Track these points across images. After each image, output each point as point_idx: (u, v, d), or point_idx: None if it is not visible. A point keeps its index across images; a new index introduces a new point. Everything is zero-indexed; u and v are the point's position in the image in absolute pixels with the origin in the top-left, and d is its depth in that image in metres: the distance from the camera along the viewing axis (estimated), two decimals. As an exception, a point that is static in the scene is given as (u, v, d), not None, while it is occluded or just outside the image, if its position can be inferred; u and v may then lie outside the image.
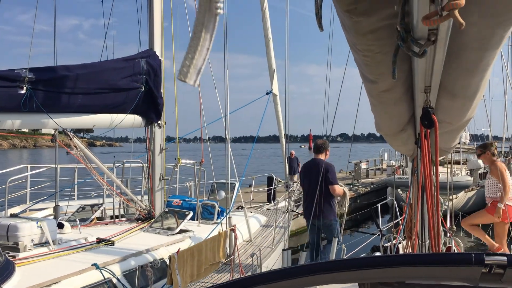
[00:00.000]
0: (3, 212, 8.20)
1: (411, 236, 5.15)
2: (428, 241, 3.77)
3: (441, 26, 1.37)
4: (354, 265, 1.26)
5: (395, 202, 9.58)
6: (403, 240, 6.45)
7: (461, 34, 1.48)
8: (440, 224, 2.49)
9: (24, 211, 8.58)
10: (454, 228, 6.09)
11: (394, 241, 6.43)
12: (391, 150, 30.67)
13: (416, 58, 1.56)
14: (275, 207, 11.24)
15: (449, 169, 6.35)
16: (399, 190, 16.95)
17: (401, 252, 6.37)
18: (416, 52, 1.43)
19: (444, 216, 7.04)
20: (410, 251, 5.05)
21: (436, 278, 1.25)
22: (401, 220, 8.22)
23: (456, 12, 1.14)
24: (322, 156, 7.37)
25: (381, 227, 8.69)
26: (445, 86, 1.93)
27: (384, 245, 6.84)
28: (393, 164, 25.02)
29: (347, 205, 7.76)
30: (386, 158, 32.12)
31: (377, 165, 31.38)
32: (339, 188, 7.31)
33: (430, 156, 2.22)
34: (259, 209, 11.63)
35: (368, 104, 2.56)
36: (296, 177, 19.69)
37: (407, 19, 1.38)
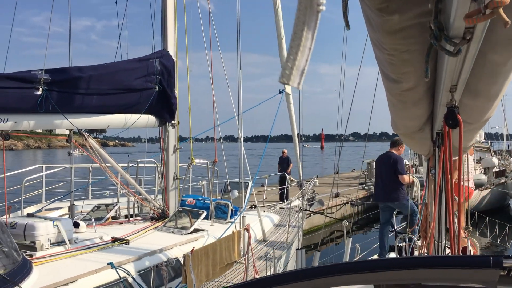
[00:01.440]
0: (20, 211, 8.30)
1: (427, 236, 5.11)
2: (444, 241, 3.73)
3: (478, 25, 1.34)
4: (371, 267, 1.26)
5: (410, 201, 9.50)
6: (418, 240, 6.41)
7: (491, 33, 1.46)
8: (461, 225, 2.47)
9: (39, 210, 8.68)
10: (470, 228, 6.03)
11: (409, 241, 6.38)
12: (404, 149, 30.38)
13: (447, 56, 1.54)
14: (288, 206, 11.23)
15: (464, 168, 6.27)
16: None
17: (416, 252, 6.32)
18: (450, 51, 1.41)
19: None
20: (426, 251, 5.01)
21: (453, 281, 1.24)
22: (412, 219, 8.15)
23: (501, 10, 1.12)
24: (394, 150, 8.60)
25: (395, 227, 8.64)
26: (468, 85, 1.91)
27: (399, 245, 6.79)
28: (406, 163, 24.81)
29: (416, 193, 8.47)
30: (399, 157, 31.82)
31: (390, 164, 31.07)
32: (407, 177, 8.36)
33: (452, 156, 2.20)
34: (272, 208, 11.63)
35: (380, 103, 2.55)
36: (289, 179, 19.10)
37: (441, 17, 1.36)
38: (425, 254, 4.85)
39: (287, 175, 16.26)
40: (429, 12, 1.38)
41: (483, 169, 21.05)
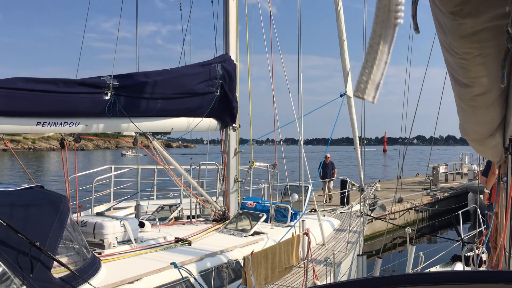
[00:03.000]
0: (90, 210, 8.72)
1: (497, 247, 4.85)
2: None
3: None
4: (440, 279, 1.21)
5: (478, 210, 9.04)
6: (486, 250, 6.09)
7: None
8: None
9: (108, 209, 9.07)
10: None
11: (477, 251, 6.08)
12: (472, 154, 29.04)
13: None
14: (349, 210, 11.04)
15: None
16: (482, 196, 16.01)
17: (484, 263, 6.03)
18: None
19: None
20: (495, 263, 4.76)
21: None
22: (484, 229, 7.77)
23: None
24: None
25: (462, 236, 8.26)
26: None
27: (466, 254, 6.49)
28: (475, 169, 23.64)
29: None
30: (466, 162, 30.43)
31: (456, 169, 29.77)
32: None
33: None
34: (333, 212, 11.48)
35: (447, 105, 2.46)
36: (332, 185, 18.09)
37: None
38: (495, 266, 4.60)
39: (347, 179, 15.99)
40: (505, 15, 1.31)
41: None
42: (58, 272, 4.05)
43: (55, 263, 3.99)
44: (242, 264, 5.48)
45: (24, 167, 7.39)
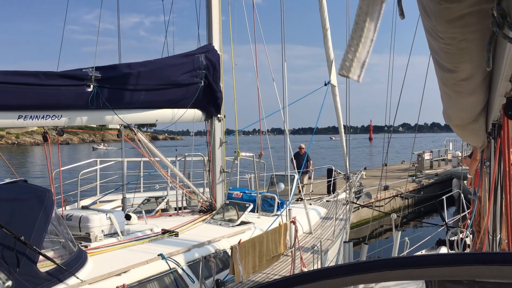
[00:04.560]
0: (76, 204, 8.65)
1: (480, 231, 4.93)
2: (499, 236, 3.59)
3: None
4: (424, 262, 1.22)
5: (462, 195, 9.18)
6: (470, 234, 6.20)
7: None
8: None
9: (94, 203, 9.01)
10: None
11: (461, 235, 6.19)
12: (456, 140, 29.40)
13: (509, 44, 1.46)
14: (335, 199, 11.13)
15: None
16: (465, 181, 16.23)
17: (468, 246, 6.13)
18: None
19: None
20: (479, 246, 4.84)
21: (510, 278, 1.19)
22: (468, 213, 7.89)
23: None
24: None
25: (446, 220, 8.38)
26: None
27: (450, 238, 6.60)
28: (459, 155, 23.95)
29: None
30: (451, 149, 30.81)
31: (441, 156, 30.13)
32: None
33: (510, 147, 2.11)
34: (319, 201, 11.56)
35: (431, 93, 2.48)
36: (306, 178, 15.84)
37: (504, 3, 1.29)
38: (479, 250, 4.69)
39: (333, 168, 16.00)
40: None
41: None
42: (44, 266, 4.02)
43: (41, 257, 3.96)
44: (229, 253, 5.49)
45: (7, 161, 7.29)
